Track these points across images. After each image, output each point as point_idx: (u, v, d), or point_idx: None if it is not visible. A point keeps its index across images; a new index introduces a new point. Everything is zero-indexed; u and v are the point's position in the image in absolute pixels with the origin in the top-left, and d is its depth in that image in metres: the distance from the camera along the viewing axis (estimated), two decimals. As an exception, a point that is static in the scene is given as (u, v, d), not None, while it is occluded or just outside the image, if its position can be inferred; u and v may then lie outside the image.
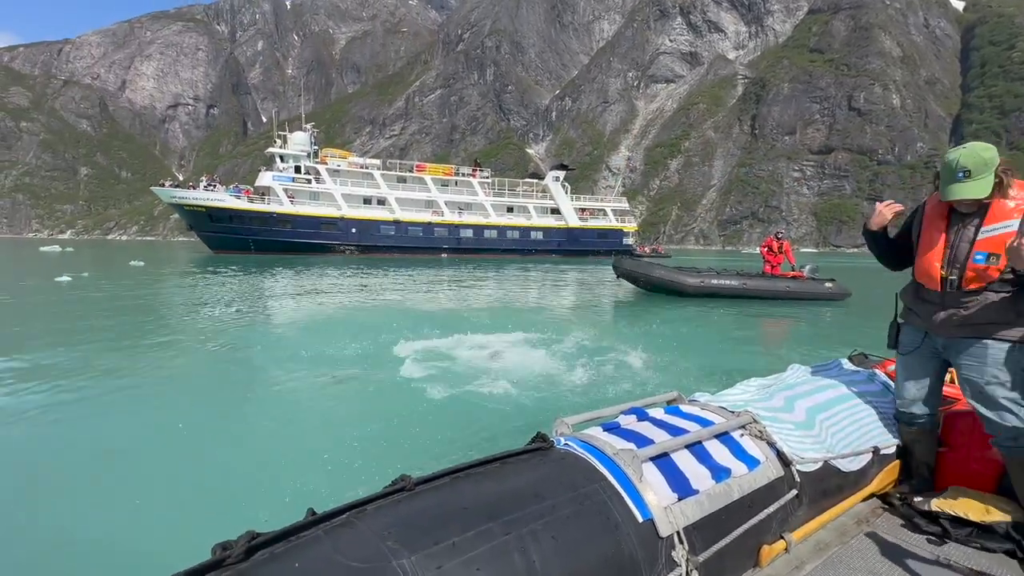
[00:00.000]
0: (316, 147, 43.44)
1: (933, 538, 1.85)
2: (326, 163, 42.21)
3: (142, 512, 2.95)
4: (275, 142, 42.54)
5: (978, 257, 1.75)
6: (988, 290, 1.78)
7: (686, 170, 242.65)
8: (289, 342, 7.52)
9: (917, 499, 2.00)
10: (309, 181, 40.99)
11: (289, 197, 39.83)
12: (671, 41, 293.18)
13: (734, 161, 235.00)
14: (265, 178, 40.21)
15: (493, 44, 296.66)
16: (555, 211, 46.85)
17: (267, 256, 35.99)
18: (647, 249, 49.45)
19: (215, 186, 40.53)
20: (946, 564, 1.71)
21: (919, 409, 1.99)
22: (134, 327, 9.10)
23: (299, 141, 42.28)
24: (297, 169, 41.19)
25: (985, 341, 1.78)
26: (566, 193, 47.83)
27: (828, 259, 63.81)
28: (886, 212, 2.05)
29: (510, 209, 46.16)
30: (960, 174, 1.72)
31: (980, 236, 1.76)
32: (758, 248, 17.65)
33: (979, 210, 1.78)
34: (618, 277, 15.62)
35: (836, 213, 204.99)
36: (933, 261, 1.88)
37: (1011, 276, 1.72)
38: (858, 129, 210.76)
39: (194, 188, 39.94)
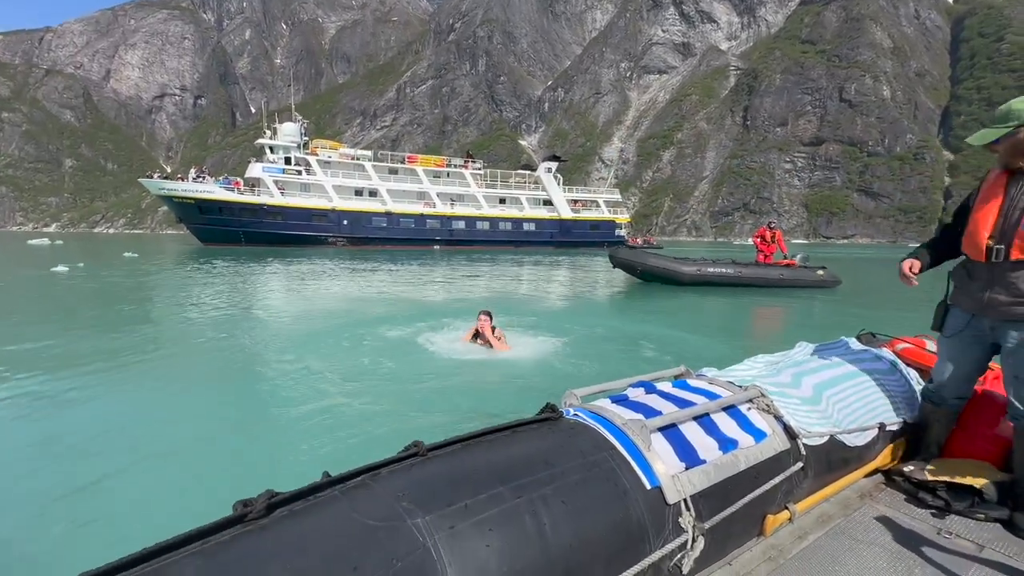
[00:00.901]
0: (306, 138, 42.96)
1: (935, 511, 1.89)
2: (316, 154, 41.76)
3: (170, 476, 3.16)
4: (265, 133, 42.00)
5: None
6: None
7: (679, 161, 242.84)
8: (292, 331, 7.60)
9: (908, 468, 2.06)
10: (299, 172, 40.58)
11: (279, 189, 39.43)
12: (664, 31, 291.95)
13: (726, 152, 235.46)
14: (255, 169, 39.74)
15: (485, 34, 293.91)
16: (548, 202, 46.78)
17: (258, 248, 35.67)
18: (639, 241, 49.51)
19: (204, 178, 40.00)
20: (947, 536, 1.75)
21: (950, 392, 1.94)
22: (145, 313, 9.18)
23: (289, 132, 41.78)
24: (287, 160, 40.73)
25: None
26: (558, 184, 47.75)
27: (818, 250, 64.44)
28: (908, 274, 1.99)
29: (502, 200, 46.01)
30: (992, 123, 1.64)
31: None
32: (751, 239, 17.77)
33: None
34: (615, 267, 15.74)
35: (826, 204, 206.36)
36: (981, 229, 1.77)
37: None
38: (849, 121, 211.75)
39: (183, 180, 39.41)
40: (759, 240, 15.58)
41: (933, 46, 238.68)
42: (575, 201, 48.45)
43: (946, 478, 1.95)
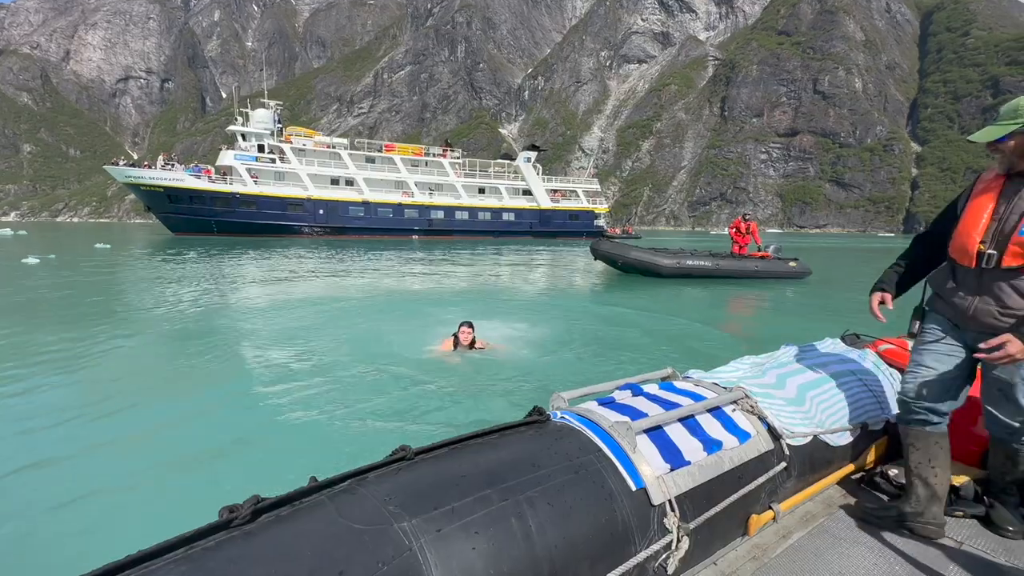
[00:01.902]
0: (280, 125, 41.80)
1: None
2: (291, 142, 40.70)
3: (153, 483, 3.09)
4: (236, 119, 40.70)
5: None
6: None
7: (657, 151, 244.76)
8: (272, 330, 7.39)
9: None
10: (273, 160, 39.52)
11: (252, 177, 38.37)
12: (643, 20, 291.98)
13: (704, 143, 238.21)
14: (227, 157, 38.55)
15: (464, 20, 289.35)
16: (527, 192, 46.67)
17: (232, 238, 34.76)
18: (618, 231, 49.94)
19: (173, 165, 38.64)
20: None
21: (921, 406, 1.78)
22: (124, 310, 8.90)
23: (261, 119, 40.57)
24: (260, 148, 39.61)
25: None
26: (538, 174, 47.66)
27: (792, 239, 66.00)
28: (878, 313, 1.94)
29: (482, 190, 45.72)
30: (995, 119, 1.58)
31: None
32: (727, 229, 18.06)
33: None
34: (596, 259, 15.83)
35: (800, 195, 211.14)
36: (972, 232, 1.67)
37: None
38: (822, 112, 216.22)
39: (150, 167, 38.01)
40: (734, 232, 15.87)
41: (903, 40, 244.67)
42: (554, 191, 48.45)
43: None
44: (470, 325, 5.65)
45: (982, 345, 1.59)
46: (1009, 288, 1.60)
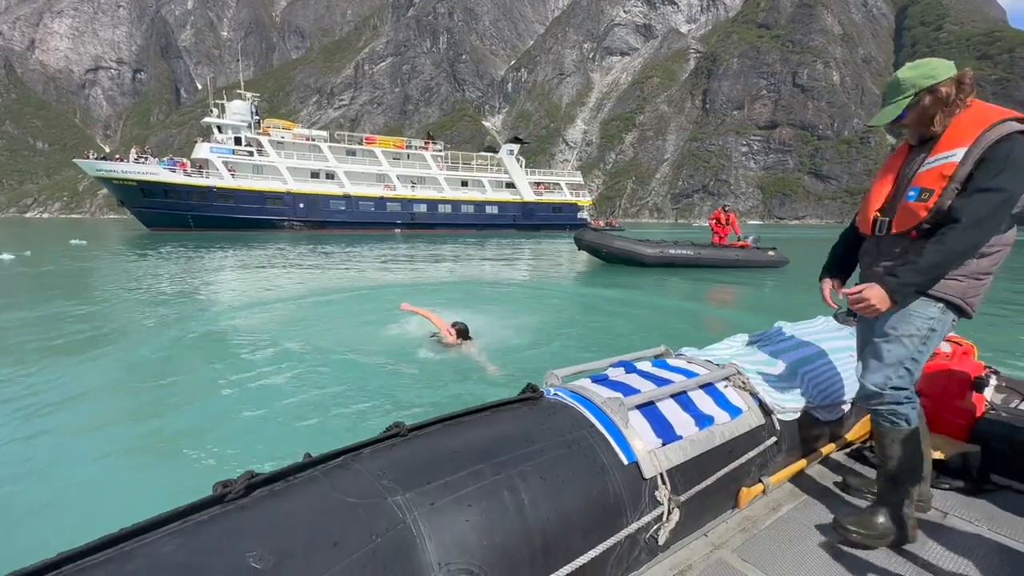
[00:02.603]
0: (257, 117, 40.89)
1: None
2: (269, 134, 39.85)
3: (149, 461, 3.14)
4: (211, 111, 39.71)
5: (911, 193, 1.52)
6: (920, 235, 1.53)
7: (641, 144, 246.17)
8: (263, 318, 7.33)
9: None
10: (251, 153, 38.67)
11: (230, 170, 37.53)
12: (625, 12, 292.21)
13: (686, 135, 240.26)
14: (202, 150, 37.59)
15: (446, 10, 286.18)
16: (510, 185, 46.54)
17: (210, 233, 34.05)
18: (601, 223, 50.19)
19: (147, 158, 37.56)
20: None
21: (872, 385, 1.60)
22: (109, 302, 8.67)
23: (238, 110, 39.59)
24: (237, 141, 38.70)
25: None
26: (521, 167, 47.56)
27: (771, 231, 67.18)
28: (830, 301, 1.89)
29: (464, 183, 45.43)
30: (883, 101, 1.60)
31: (921, 168, 1.52)
32: (708, 220, 18.35)
33: (931, 140, 1.55)
34: (580, 249, 15.97)
35: (780, 187, 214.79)
36: (873, 202, 1.67)
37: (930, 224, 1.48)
38: (801, 105, 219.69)
39: (122, 160, 36.92)
40: (714, 222, 16.17)
41: (879, 33, 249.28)
42: (538, 184, 48.37)
43: None
44: (462, 331, 5.27)
45: (844, 290, 1.60)
46: (899, 250, 1.58)
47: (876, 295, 1.50)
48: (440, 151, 46.24)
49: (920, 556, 1.55)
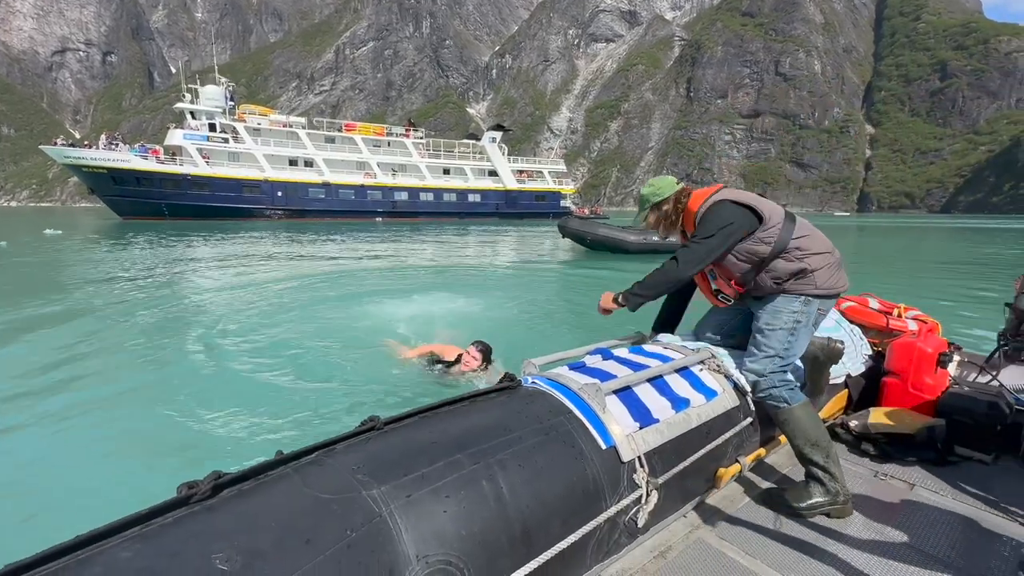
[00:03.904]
0: (232, 103, 39.84)
1: (876, 457, 2.06)
2: (245, 121, 38.88)
3: (113, 463, 2.98)
4: (184, 97, 38.58)
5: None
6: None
7: (625, 132, 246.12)
8: (237, 309, 7.15)
9: (853, 423, 2.19)
10: (226, 140, 37.71)
11: (204, 158, 36.60)
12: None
13: (670, 123, 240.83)
14: (175, 136, 36.54)
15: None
16: (492, 173, 46.28)
17: (185, 222, 33.31)
18: (586, 211, 50.27)
19: (118, 145, 36.39)
20: (883, 478, 1.91)
21: (752, 373, 1.79)
22: (91, 289, 8.53)
23: (212, 96, 38.47)
24: (212, 127, 37.68)
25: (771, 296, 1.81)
26: (504, 155, 47.29)
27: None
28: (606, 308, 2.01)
29: (446, 171, 45.03)
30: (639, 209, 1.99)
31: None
32: None
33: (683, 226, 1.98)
34: (564, 236, 16.09)
35: (762, 175, 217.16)
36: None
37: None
38: (783, 94, 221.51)
39: (91, 147, 35.74)
40: None
41: (860, 23, 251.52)
42: (520, 171, 48.18)
43: (883, 428, 2.10)
44: (484, 350, 3.95)
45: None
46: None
47: (604, 297, 1.91)
48: (421, 138, 45.71)
49: (890, 526, 1.61)
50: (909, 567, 1.43)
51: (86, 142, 38.47)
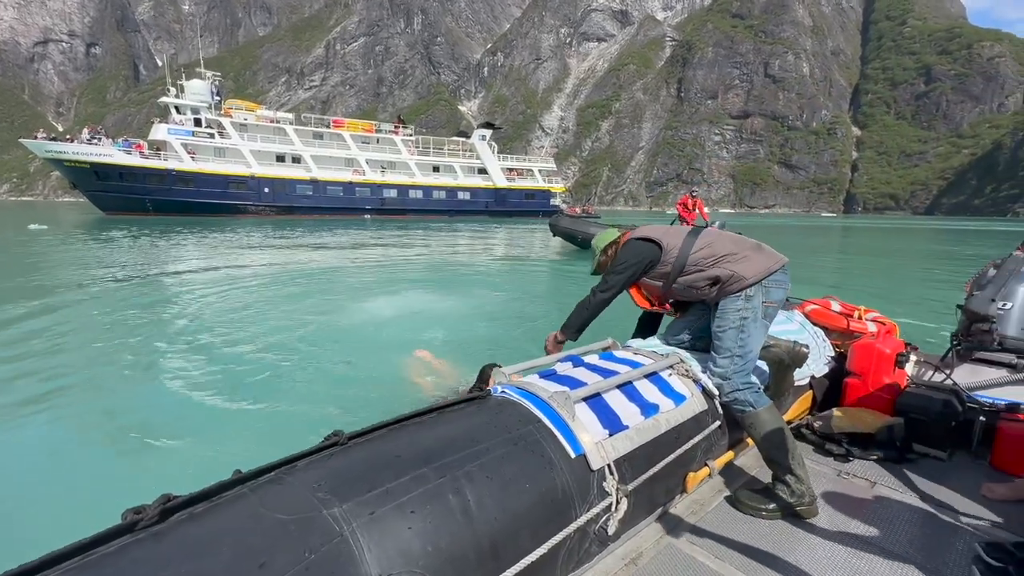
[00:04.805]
0: (219, 98, 39.28)
1: (839, 457, 2.10)
2: (231, 116, 38.36)
3: (53, 487, 2.72)
4: (169, 91, 37.99)
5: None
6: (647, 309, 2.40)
7: (616, 131, 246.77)
8: (206, 311, 6.89)
9: (817, 423, 2.25)
10: (212, 136, 37.19)
11: (189, 153, 36.05)
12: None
13: (661, 123, 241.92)
14: (160, 131, 35.94)
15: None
16: (482, 171, 46.12)
17: (169, 218, 32.81)
18: (578, 210, 50.25)
19: (100, 139, 35.73)
20: (846, 477, 1.96)
21: (716, 376, 1.85)
22: (50, 286, 8.18)
23: (197, 90, 37.89)
24: (197, 122, 37.11)
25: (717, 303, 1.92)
26: (493, 152, 47.18)
27: (744, 219, 68.63)
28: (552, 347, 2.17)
29: (436, 168, 44.82)
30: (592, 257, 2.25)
31: None
32: (675, 206, 18.72)
33: None
34: (555, 235, 16.09)
35: (751, 176, 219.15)
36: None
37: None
38: (772, 95, 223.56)
39: (73, 141, 35.06)
40: (681, 208, 16.53)
41: (847, 26, 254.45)
42: (510, 170, 48.03)
43: (846, 428, 2.16)
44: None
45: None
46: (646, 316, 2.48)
47: (548, 339, 2.15)
48: (410, 135, 45.46)
49: (853, 524, 1.66)
50: (872, 564, 1.47)
51: (68, 136, 37.75)
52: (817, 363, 2.40)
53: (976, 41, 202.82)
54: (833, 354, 2.57)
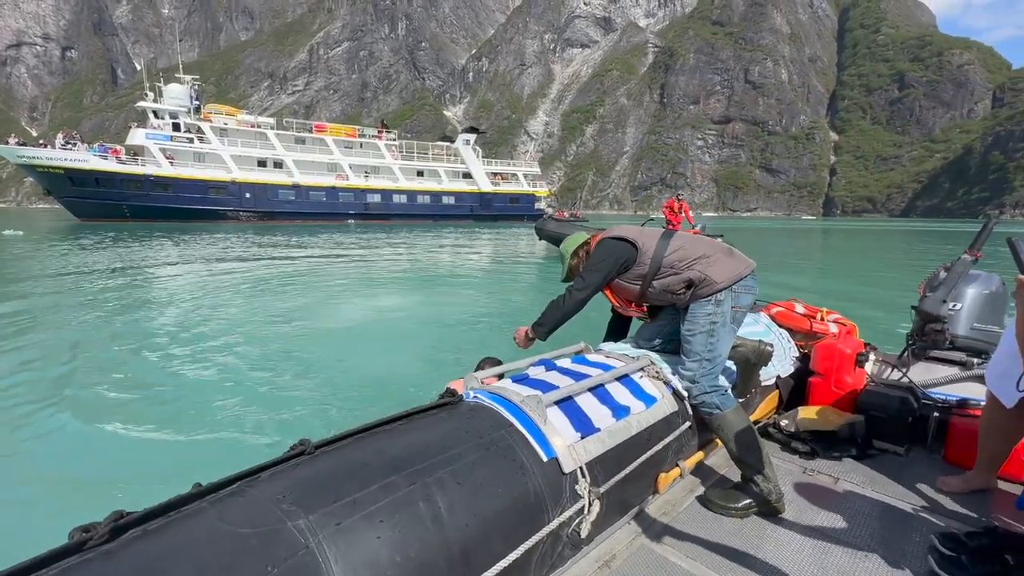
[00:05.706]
0: (198, 102, 38.72)
1: (805, 455, 2.16)
2: (210, 120, 37.85)
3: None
4: (147, 95, 37.33)
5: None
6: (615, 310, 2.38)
7: (601, 136, 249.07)
8: (170, 314, 6.77)
9: (784, 422, 2.32)
10: (191, 140, 36.64)
11: (168, 158, 35.43)
12: (586, 4, 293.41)
13: (645, 128, 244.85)
14: (137, 136, 35.27)
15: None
16: (467, 175, 46.12)
17: (148, 224, 32.15)
18: (566, 214, 50.45)
19: (75, 144, 34.94)
20: (810, 474, 2.01)
21: (686, 380, 1.88)
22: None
23: (175, 95, 37.28)
24: (175, 127, 36.52)
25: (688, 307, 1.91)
26: (478, 157, 47.20)
27: (727, 222, 69.59)
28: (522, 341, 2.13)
29: (420, 173, 44.69)
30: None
31: None
32: (661, 209, 18.92)
33: None
34: (540, 239, 16.12)
35: (733, 180, 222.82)
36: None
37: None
38: (752, 101, 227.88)
39: (47, 146, 34.24)
40: (668, 211, 16.72)
41: (823, 34, 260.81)
42: (495, 174, 48.13)
43: (810, 426, 2.23)
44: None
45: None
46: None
47: (517, 333, 2.08)
48: (394, 140, 45.29)
49: (818, 519, 1.70)
50: (836, 557, 1.51)
51: (41, 141, 36.84)
52: (783, 363, 2.46)
53: (946, 49, 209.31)
54: (798, 354, 2.64)
